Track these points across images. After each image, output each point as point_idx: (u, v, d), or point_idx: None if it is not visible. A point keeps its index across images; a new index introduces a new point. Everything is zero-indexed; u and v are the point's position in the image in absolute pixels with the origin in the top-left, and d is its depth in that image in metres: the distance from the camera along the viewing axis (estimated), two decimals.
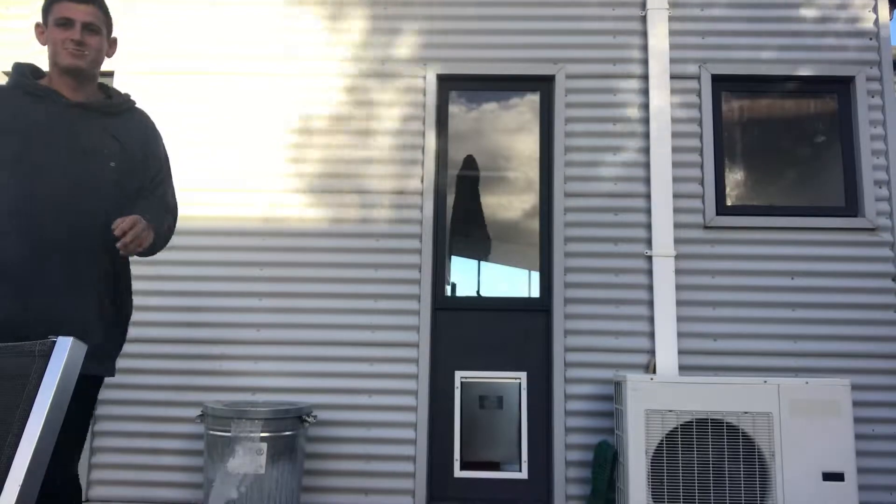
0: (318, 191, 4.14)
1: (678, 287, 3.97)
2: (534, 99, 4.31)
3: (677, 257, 3.99)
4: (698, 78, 4.18)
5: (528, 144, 4.28)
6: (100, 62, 2.03)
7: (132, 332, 4.02)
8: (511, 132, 4.31)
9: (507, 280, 4.24)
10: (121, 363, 4.00)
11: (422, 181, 4.12)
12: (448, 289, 4.17)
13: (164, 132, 4.19)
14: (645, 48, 4.22)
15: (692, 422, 3.39)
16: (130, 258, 2.08)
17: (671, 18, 4.24)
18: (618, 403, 3.66)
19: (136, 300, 4.06)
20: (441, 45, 4.27)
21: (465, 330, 4.10)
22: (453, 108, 4.32)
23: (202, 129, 4.21)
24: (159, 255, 4.11)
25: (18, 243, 1.82)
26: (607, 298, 4.00)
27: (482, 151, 4.31)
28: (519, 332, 4.08)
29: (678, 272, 3.99)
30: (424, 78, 4.23)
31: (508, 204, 4.26)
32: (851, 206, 4.08)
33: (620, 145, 4.15)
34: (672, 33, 4.22)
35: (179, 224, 4.14)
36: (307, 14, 4.32)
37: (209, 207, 4.13)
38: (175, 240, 4.13)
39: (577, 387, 3.92)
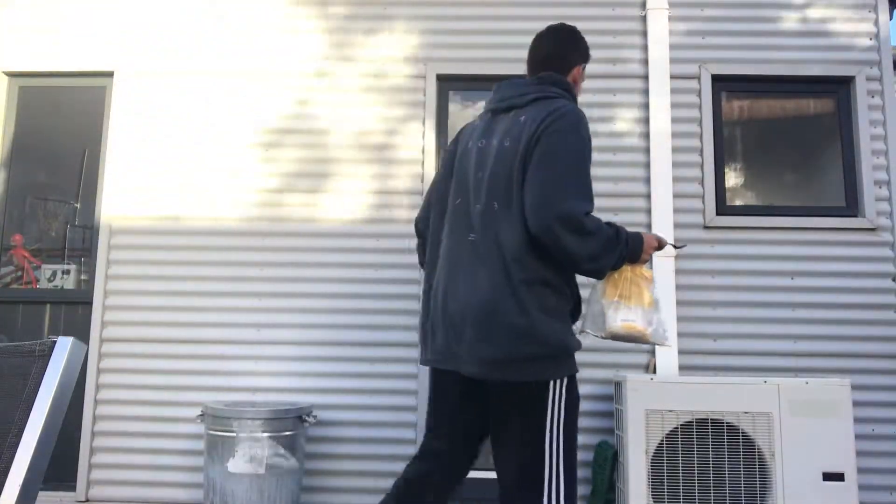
0: (318, 191, 4.14)
1: (678, 287, 3.97)
2: None
3: (677, 257, 3.99)
4: (698, 78, 4.18)
5: None
6: None
7: (133, 332, 4.03)
8: None
9: None
10: (121, 363, 4.00)
11: (422, 181, 4.12)
12: None
13: (165, 131, 4.22)
14: (645, 48, 4.22)
15: (692, 422, 3.39)
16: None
17: (671, 18, 4.24)
18: (618, 403, 3.65)
19: (138, 301, 4.08)
20: (441, 45, 4.27)
21: None
22: (453, 108, 4.32)
23: (202, 129, 4.21)
24: (159, 256, 4.12)
25: None
26: None
27: None
28: None
29: (678, 272, 3.99)
30: (424, 78, 4.23)
31: None
32: (851, 205, 4.08)
33: (620, 145, 4.15)
34: (672, 33, 4.22)
35: (179, 224, 4.15)
36: (307, 14, 4.32)
37: (210, 207, 4.13)
38: (175, 240, 4.13)
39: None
